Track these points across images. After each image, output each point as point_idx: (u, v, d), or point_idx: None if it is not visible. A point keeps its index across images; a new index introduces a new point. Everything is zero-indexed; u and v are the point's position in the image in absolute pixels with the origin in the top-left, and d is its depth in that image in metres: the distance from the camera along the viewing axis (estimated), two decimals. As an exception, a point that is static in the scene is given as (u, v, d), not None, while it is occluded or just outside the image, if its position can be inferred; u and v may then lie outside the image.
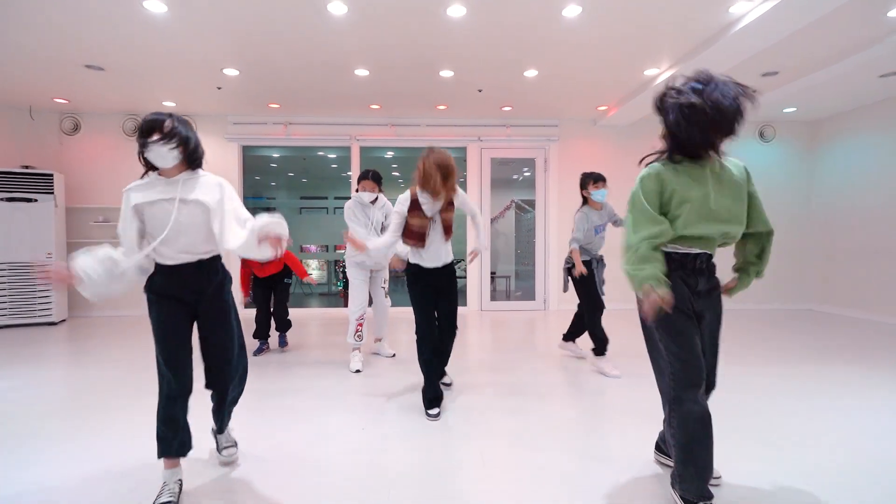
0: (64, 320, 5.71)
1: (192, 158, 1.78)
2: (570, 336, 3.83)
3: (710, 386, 1.81)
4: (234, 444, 2.11)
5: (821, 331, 5.02)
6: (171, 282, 1.81)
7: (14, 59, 4.27)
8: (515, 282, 7.66)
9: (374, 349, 4.04)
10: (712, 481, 1.73)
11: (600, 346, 3.42)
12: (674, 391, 1.67)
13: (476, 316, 6.15)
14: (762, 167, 6.55)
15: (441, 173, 2.52)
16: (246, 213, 1.86)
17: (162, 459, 1.81)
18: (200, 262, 1.84)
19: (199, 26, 3.66)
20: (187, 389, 1.83)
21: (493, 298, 6.72)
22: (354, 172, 6.43)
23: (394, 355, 3.94)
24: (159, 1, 3.26)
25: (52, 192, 5.48)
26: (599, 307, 3.45)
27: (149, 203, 1.75)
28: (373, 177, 3.53)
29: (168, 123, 1.70)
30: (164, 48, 4.06)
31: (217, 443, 2.09)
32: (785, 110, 6.00)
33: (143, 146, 1.70)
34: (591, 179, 3.44)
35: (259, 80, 4.87)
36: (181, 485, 1.82)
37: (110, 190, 6.05)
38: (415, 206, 2.62)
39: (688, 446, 1.61)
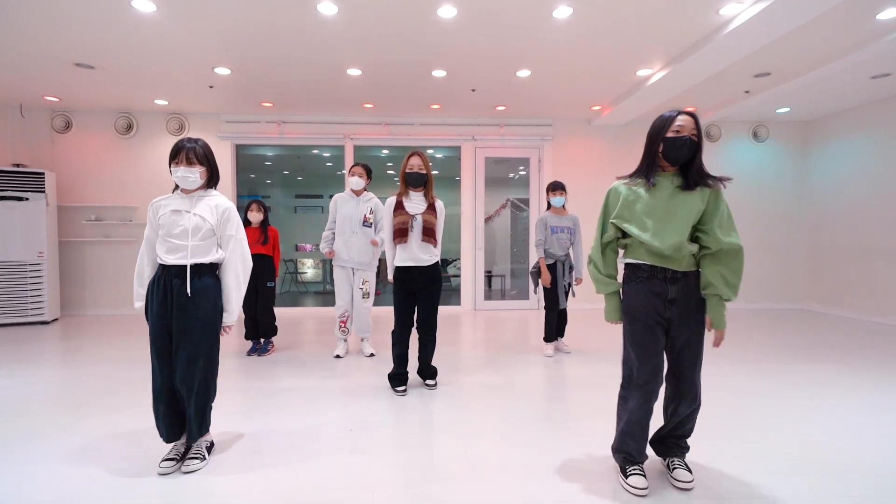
0: (56, 319, 5.70)
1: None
2: (552, 336, 4.05)
3: (687, 396, 1.83)
4: (201, 458, 2.04)
5: (810, 331, 5.04)
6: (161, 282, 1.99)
7: (3, 56, 4.24)
8: (511, 280, 7.67)
9: (358, 347, 4.15)
10: (684, 485, 1.88)
11: (548, 335, 4.02)
12: (623, 389, 1.91)
13: (470, 315, 6.16)
14: (755, 167, 6.58)
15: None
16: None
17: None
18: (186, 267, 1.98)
19: (187, 25, 3.64)
20: (168, 385, 1.99)
21: (487, 297, 6.73)
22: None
23: (372, 355, 3.93)
24: (147, 0, 3.25)
25: (44, 191, 5.46)
26: (554, 307, 3.91)
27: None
28: (363, 165, 3.77)
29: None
30: (154, 47, 4.04)
31: (186, 449, 2.09)
32: (778, 111, 6.01)
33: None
34: (549, 188, 3.99)
35: (251, 78, 4.85)
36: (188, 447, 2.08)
37: (102, 188, 6.03)
38: (399, 206, 3.01)
39: (623, 436, 1.90)
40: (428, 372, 3.14)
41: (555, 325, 4.01)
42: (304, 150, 7.59)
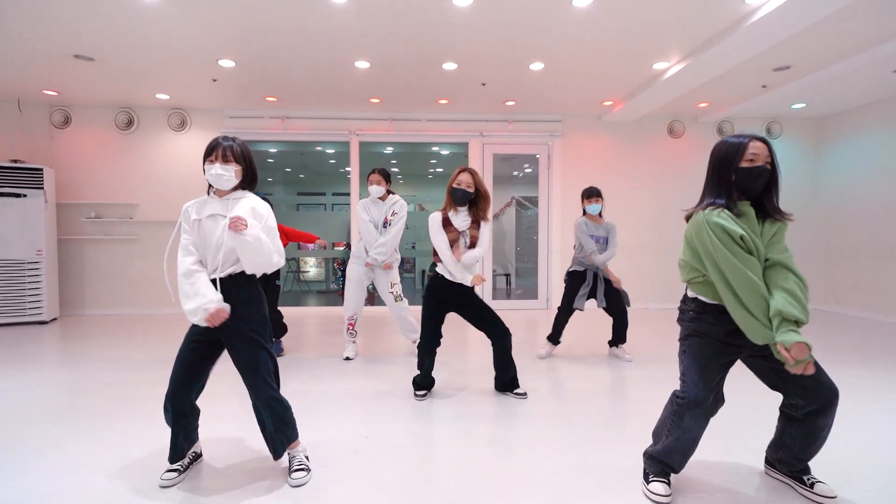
0: (55, 319, 5.56)
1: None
2: (615, 341, 3.90)
3: (828, 395, 1.72)
4: (305, 469, 1.93)
5: (823, 331, 4.93)
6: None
7: None
8: (515, 280, 7.56)
9: (367, 349, 4.04)
10: (831, 502, 1.75)
11: (553, 336, 3.90)
12: (678, 406, 1.75)
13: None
14: (768, 164, 6.46)
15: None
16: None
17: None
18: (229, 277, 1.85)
19: (192, 15, 3.51)
20: (178, 399, 1.86)
21: (493, 297, 6.61)
22: (353, 168, 6.29)
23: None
24: (151, -13, 3.12)
25: (42, 188, 5.32)
26: (567, 311, 3.82)
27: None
28: (380, 171, 3.61)
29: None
30: (156, 38, 3.90)
31: (289, 462, 1.99)
32: (793, 106, 5.89)
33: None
34: (585, 195, 3.79)
35: (256, 72, 4.72)
36: (194, 456, 2.01)
37: (102, 185, 5.89)
38: (447, 223, 2.85)
39: (670, 450, 1.77)
40: (513, 381, 2.95)
41: (563, 327, 3.89)
42: (306, 147, 7.45)
